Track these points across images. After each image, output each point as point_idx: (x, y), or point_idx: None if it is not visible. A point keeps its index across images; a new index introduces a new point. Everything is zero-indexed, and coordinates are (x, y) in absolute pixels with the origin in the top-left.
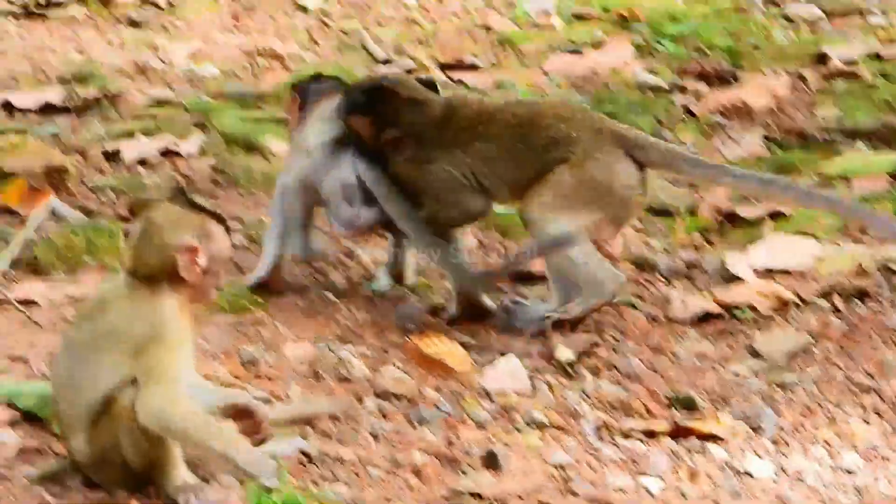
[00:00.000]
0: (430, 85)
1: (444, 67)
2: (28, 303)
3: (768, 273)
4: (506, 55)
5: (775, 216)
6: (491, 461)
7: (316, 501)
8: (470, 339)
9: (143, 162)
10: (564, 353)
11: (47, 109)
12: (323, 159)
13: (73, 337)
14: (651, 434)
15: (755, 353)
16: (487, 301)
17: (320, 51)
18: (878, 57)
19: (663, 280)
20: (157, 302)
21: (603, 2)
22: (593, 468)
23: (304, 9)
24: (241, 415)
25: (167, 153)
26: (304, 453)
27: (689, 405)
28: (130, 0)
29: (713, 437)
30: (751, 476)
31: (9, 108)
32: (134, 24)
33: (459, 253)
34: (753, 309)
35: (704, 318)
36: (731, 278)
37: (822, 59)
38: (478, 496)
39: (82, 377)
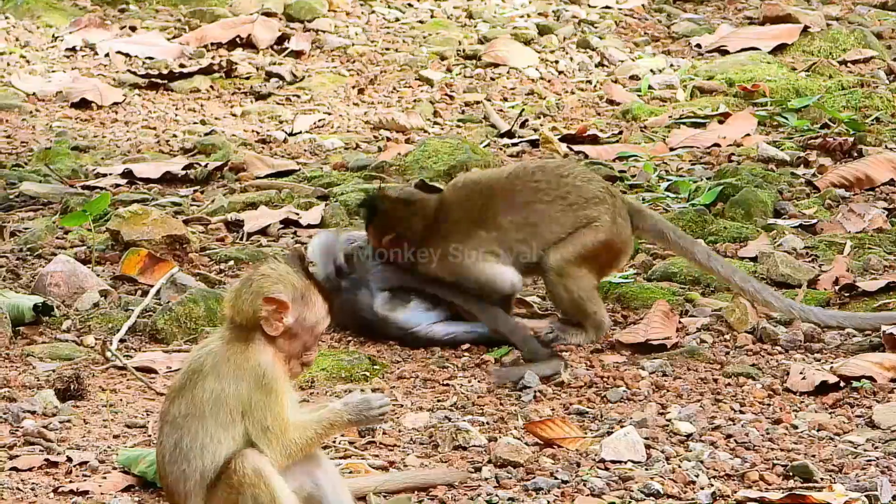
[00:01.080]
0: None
1: (566, 139)
2: (147, 370)
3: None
4: (629, 128)
5: (895, 288)
6: None
7: None
8: (586, 409)
9: (264, 232)
10: (682, 423)
11: (169, 180)
12: None
13: (173, 411)
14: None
15: (873, 424)
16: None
17: (443, 123)
18: None
19: (783, 352)
20: (253, 355)
21: (727, 76)
22: None
23: (428, 81)
24: None
25: (288, 223)
26: None
27: (805, 475)
28: (255, 72)
29: None
30: None
31: (131, 178)
32: (258, 96)
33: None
34: (872, 380)
35: (823, 390)
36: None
37: None
38: None
39: (190, 449)
